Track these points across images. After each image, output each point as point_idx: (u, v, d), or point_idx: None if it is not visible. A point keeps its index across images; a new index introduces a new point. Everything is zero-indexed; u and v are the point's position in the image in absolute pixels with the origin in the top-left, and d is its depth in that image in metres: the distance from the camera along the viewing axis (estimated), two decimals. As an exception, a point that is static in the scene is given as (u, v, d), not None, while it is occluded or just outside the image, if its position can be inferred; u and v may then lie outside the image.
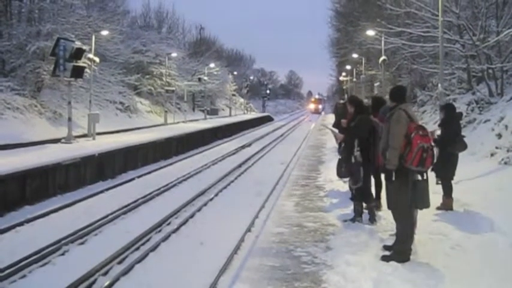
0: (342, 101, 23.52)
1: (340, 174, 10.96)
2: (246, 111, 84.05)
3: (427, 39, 24.39)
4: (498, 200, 11.15)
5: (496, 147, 15.37)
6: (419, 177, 7.60)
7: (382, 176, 8.74)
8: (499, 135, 15.80)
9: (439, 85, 17.61)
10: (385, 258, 7.52)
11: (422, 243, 8.29)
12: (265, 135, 43.67)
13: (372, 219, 9.79)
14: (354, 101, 10.65)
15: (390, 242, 7.95)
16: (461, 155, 11.71)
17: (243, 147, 32.63)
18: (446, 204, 10.85)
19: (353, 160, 9.90)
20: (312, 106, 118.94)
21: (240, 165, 23.12)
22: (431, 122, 22.59)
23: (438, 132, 11.37)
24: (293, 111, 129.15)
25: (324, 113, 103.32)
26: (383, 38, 28.55)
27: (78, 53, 23.16)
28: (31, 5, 30.05)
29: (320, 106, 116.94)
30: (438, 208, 10.73)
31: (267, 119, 75.02)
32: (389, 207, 7.96)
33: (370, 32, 30.63)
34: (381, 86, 33.25)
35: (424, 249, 8.00)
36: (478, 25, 20.81)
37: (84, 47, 24.34)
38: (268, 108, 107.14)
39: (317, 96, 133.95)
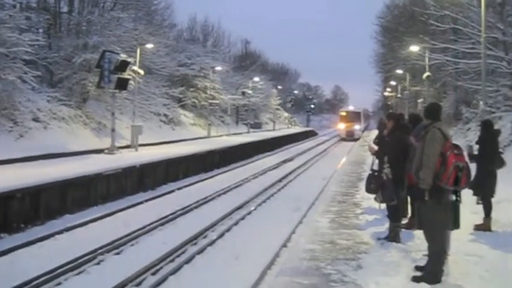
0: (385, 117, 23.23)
1: (369, 189, 10.81)
2: (289, 126, 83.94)
3: (472, 56, 24.09)
4: (540, 221, 10.86)
5: (540, 167, 14.95)
6: (454, 197, 7.48)
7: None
8: (543, 155, 15.40)
9: (481, 103, 17.32)
10: (415, 279, 7.38)
11: (457, 264, 8.10)
12: (308, 150, 43.60)
13: (398, 239, 9.61)
14: (392, 116, 10.56)
15: (423, 262, 7.78)
16: (503, 174, 11.46)
17: (284, 161, 32.61)
18: (485, 224, 10.60)
19: (384, 177, 9.77)
20: (342, 126, 65.20)
21: (280, 180, 23.13)
22: (475, 139, 22.18)
23: (476, 147, 11.21)
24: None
25: (362, 138, 60.08)
26: (427, 54, 28.28)
27: (123, 65, 23.61)
28: (79, 18, 30.71)
29: (357, 126, 64.69)
30: (476, 228, 10.49)
31: (311, 134, 74.93)
32: (420, 227, 7.83)
33: (414, 48, 30.35)
34: (425, 103, 32.81)
35: (457, 271, 7.81)
36: (524, 42, 20.46)
37: (129, 60, 24.81)
38: (313, 122, 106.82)
39: (351, 108, 71.95)
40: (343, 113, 66.81)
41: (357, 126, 64.35)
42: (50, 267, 9.82)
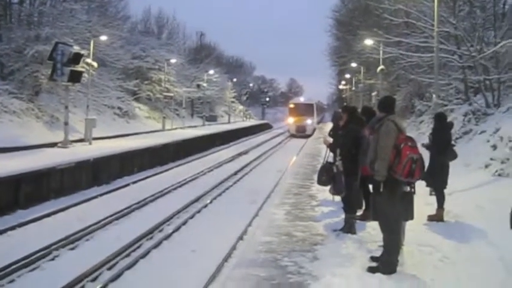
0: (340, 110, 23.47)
1: (320, 181, 10.88)
2: (245, 119, 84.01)
3: (425, 50, 24.43)
4: (491, 211, 11.09)
5: (491, 159, 15.34)
6: (408, 189, 7.57)
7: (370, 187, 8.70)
8: (494, 147, 15.79)
9: (434, 96, 17.61)
10: (371, 270, 7.47)
11: (411, 254, 8.23)
12: (263, 143, 43.73)
13: (353, 230, 9.71)
14: (347, 109, 10.65)
15: (378, 253, 7.88)
16: (455, 165, 11.69)
17: (240, 154, 32.66)
18: (438, 215, 10.80)
19: (335, 170, 9.89)
20: (291, 120, 55.91)
21: (236, 173, 23.17)
22: (428, 131, 22.56)
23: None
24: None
25: (317, 131, 54.42)
26: (381, 48, 28.65)
27: (76, 58, 23.19)
28: (31, 9, 30.10)
29: (309, 121, 54.97)
30: (429, 219, 10.69)
31: (266, 127, 75.15)
32: (375, 218, 7.92)
33: (369, 41, 30.73)
34: (379, 96, 33.22)
35: (411, 261, 7.94)
36: (475, 36, 20.82)
37: (82, 52, 24.40)
38: (268, 115, 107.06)
39: (302, 100, 61.78)
40: (293, 106, 57.34)
41: (309, 121, 54.80)
42: (2, 264, 9.61)
